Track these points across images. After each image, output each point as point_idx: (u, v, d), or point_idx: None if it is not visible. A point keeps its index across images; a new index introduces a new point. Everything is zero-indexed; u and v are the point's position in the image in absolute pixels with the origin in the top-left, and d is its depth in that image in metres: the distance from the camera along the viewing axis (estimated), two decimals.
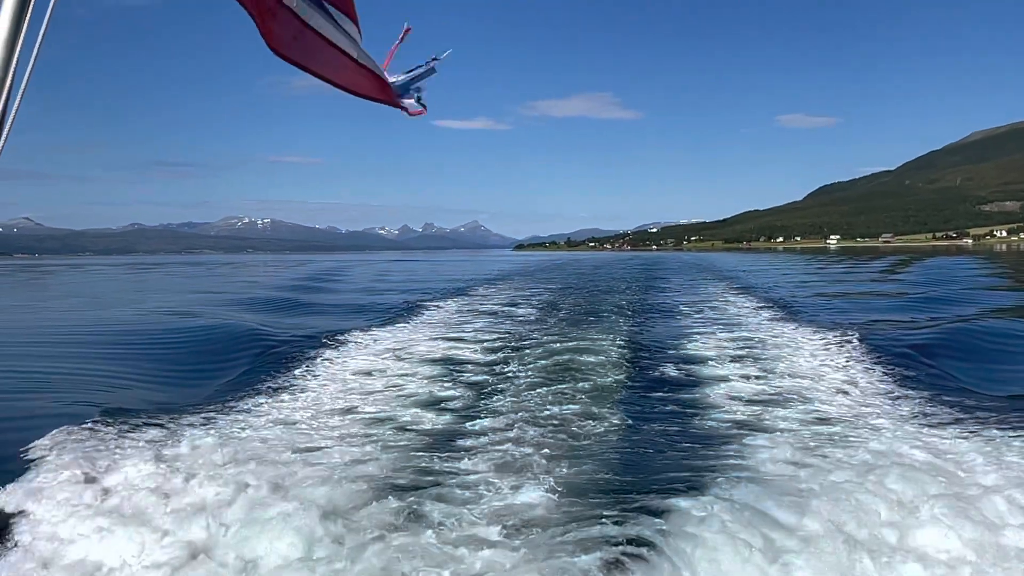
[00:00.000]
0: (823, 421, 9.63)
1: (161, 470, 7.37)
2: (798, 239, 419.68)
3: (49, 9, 2.10)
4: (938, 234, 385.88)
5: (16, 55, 2.06)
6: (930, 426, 9.03)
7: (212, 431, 9.15)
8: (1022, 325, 18.40)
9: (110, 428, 8.92)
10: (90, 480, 7.02)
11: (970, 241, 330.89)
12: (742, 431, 9.30)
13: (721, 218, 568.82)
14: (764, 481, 7.14)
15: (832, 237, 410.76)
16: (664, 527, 6.13)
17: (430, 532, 6.18)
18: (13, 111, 2.13)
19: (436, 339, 17.94)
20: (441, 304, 28.30)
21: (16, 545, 5.93)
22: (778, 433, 9.12)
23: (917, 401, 10.46)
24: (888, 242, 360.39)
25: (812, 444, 8.42)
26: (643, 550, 5.73)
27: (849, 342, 15.34)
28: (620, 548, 5.78)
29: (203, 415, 10.08)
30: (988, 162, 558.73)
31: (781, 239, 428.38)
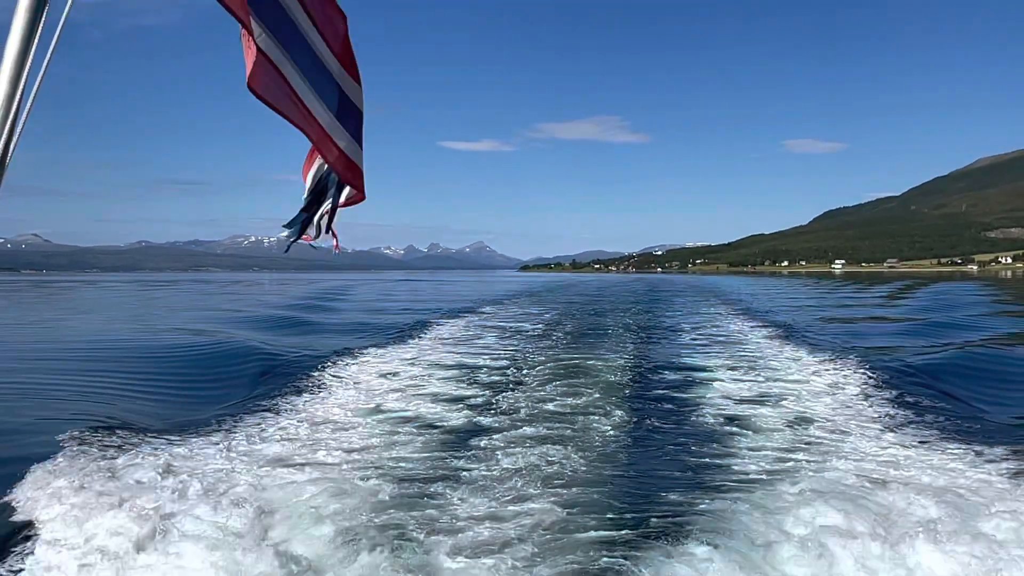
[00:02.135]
0: (826, 438, 9.88)
1: (169, 481, 7.50)
2: (803, 263, 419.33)
3: (58, 29, 2.12)
4: (943, 260, 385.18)
5: (25, 73, 2.09)
6: (933, 448, 9.10)
7: (221, 444, 9.29)
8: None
9: (121, 440, 9.02)
10: (98, 490, 7.02)
11: (975, 267, 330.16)
12: (739, 440, 9.75)
13: (726, 241, 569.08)
14: (764, 493, 7.47)
15: (837, 262, 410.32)
16: (667, 531, 6.56)
17: (440, 535, 6.52)
18: (20, 127, 2.14)
19: (445, 356, 18.37)
20: (449, 322, 28.75)
21: (21, 551, 5.98)
22: (777, 445, 9.50)
23: (922, 425, 10.49)
24: (893, 267, 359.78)
25: (814, 459, 8.69)
26: (647, 553, 6.14)
27: (854, 366, 15.46)
28: (625, 548, 6.23)
29: (211, 429, 10.20)
30: (994, 188, 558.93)
31: (786, 263, 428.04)
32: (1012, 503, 6.71)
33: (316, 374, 14.95)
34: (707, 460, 8.83)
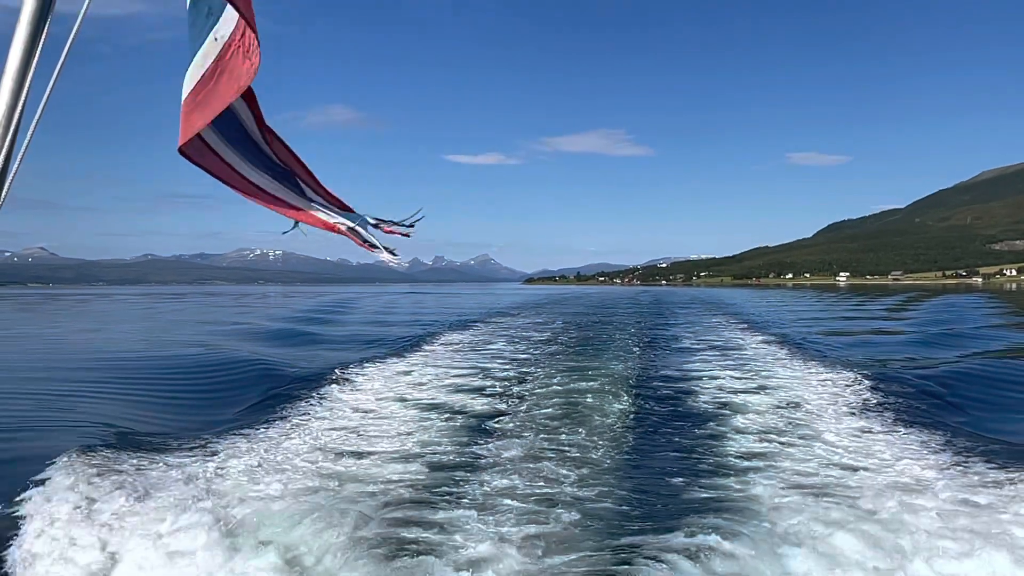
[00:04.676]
0: (827, 454, 9.82)
1: (172, 494, 7.60)
2: (808, 275, 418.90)
3: (67, 46, 2.13)
4: (948, 272, 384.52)
5: (26, 87, 2.08)
6: (937, 465, 8.87)
7: (225, 457, 9.38)
8: None
9: (127, 453, 9.20)
10: (101, 503, 7.08)
11: (980, 280, 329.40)
12: (735, 437, 10.46)
13: (731, 254, 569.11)
14: (764, 492, 7.90)
15: (842, 274, 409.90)
16: (667, 513, 7.30)
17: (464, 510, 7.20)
18: (26, 141, 2.14)
19: (458, 361, 19.01)
20: (459, 332, 29.35)
21: (26, 562, 6.01)
22: (780, 463, 9.49)
23: (925, 439, 10.34)
24: (898, 280, 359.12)
25: (816, 475, 8.76)
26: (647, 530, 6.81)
27: (858, 380, 15.48)
28: (629, 524, 6.95)
29: (213, 443, 10.26)
30: (998, 201, 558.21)
31: (791, 275, 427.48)
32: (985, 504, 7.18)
33: (331, 382, 15.50)
34: (705, 446, 9.68)
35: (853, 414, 11.89)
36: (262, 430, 11.02)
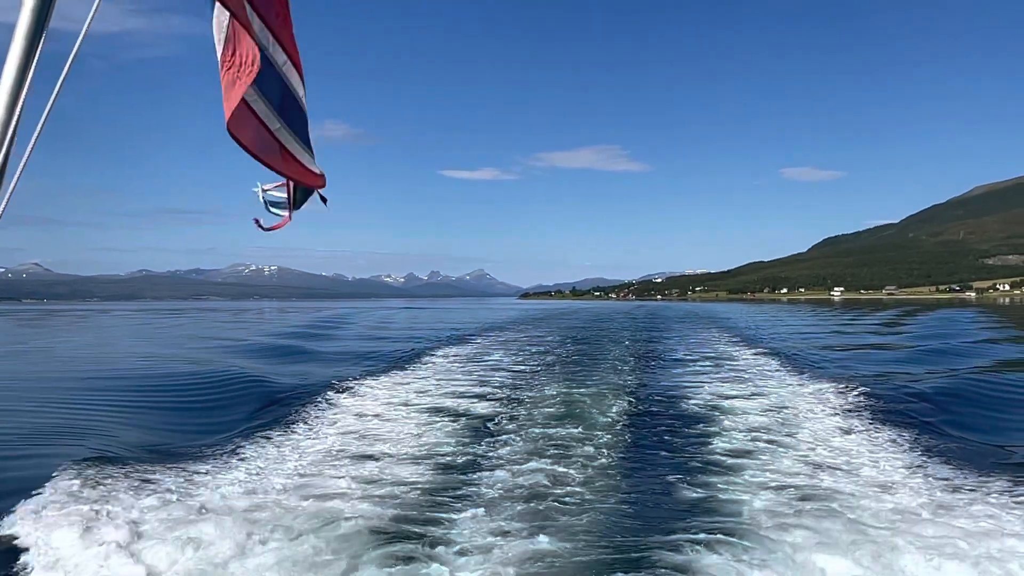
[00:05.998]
0: (815, 458, 10.06)
1: (182, 498, 7.91)
2: (802, 290, 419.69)
3: (67, 65, 2.17)
4: (941, 287, 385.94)
5: (20, 102, 2.09)
6: (933, 478, 8.94)
7: (234, 463, 9.58)
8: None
9: (136, 460, 9.37)
10: (98, 518, 7.09)
11: (973, 294, 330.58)
12: (725, 436, 10.93)
13: (726, 269, 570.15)
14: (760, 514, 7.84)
15: (836, 289, 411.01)
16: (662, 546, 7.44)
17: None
18: (23, 159, 2.15)
19: (450, 378, 19.14)
20: (453, 348, 29.57)
21: (34, 564, 6.10)
22: (771, 467, 9.70)
23: (920, 451, 10.41)
24: (892, 294, 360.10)
25: (804, 478, 9.00)
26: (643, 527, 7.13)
27: (852, 392, 15.54)
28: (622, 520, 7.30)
29: (221, 450, 10.41)
30: (991, 216, 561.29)
31: (785, 290, 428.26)
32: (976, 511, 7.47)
33: (334, 392, 15.86)
34: (700, 451, 10.15)
35: (837, 414, 12.44)
36: (269, 436, 11.38)
